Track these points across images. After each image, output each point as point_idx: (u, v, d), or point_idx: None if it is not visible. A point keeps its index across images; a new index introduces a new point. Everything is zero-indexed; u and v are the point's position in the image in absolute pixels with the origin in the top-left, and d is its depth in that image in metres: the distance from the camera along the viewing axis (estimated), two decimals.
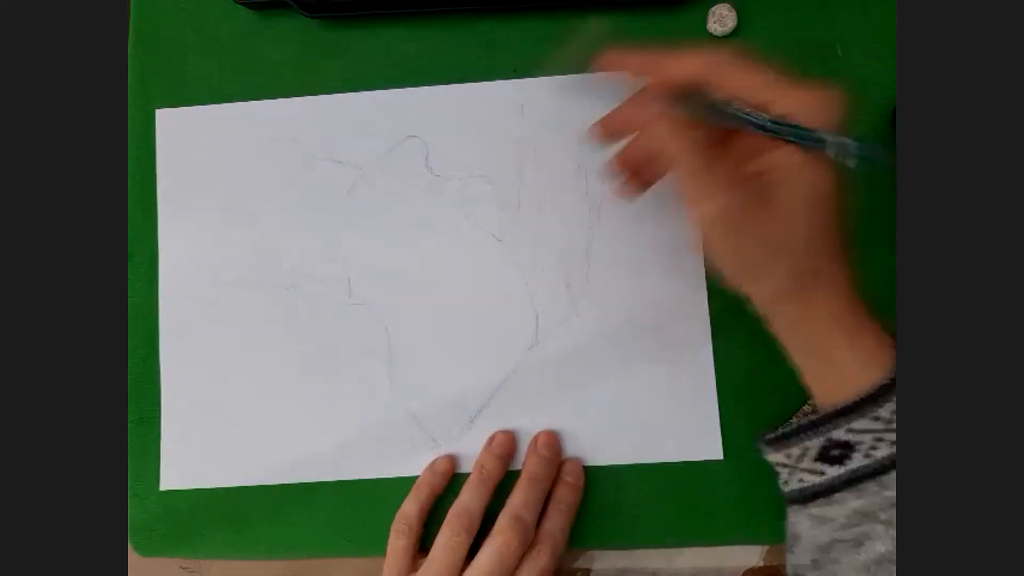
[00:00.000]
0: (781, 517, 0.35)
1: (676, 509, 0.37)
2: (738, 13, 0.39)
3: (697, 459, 0.37)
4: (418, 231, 0.39)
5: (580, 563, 0.38)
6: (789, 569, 0.33)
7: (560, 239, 0.39)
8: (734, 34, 0.39)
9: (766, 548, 0.37)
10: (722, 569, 0.38)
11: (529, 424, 0.38)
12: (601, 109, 0.33)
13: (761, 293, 0.31)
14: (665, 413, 0.37)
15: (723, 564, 0.38)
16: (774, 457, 0.33)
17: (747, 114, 0.29)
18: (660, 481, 0.37)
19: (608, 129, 0.33)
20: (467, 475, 0.37)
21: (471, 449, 0.38)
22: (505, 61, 0.40)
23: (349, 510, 0.38)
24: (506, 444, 0.37)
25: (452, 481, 0.37)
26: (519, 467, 0.37)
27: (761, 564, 0.37)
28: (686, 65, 0.29)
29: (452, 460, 0.37)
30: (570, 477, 0.37)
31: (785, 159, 0.29)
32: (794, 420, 0.32)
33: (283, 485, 0.38)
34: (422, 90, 0.40)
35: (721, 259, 0.30)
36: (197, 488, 0.39)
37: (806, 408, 0.35)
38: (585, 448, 0.37)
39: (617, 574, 0.38)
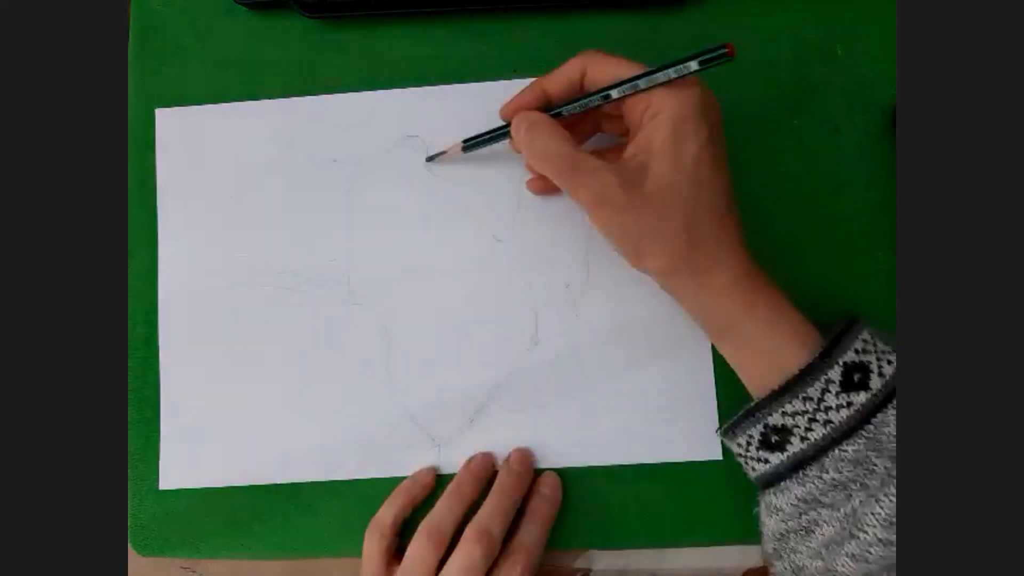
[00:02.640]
0: None
1: (676, 509, 0.37)
2: (739, 14, 0.39)
3: (697, 459, 0.37)
4: (418, 231, 0.39)
5: (580, 563, 0.38)
6: (763, 556, 0.33)
7: (560, 239, 0.39)
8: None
9: None
10: (722, 569, 0.38)
11: (529, 424, 0.38)
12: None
13: (654, 268, 0.32)
14: (665, 413, 0.37)
15: (723, 564, 0.38)
16: (731, 447, 0.33)
17: (595, 93, 0.32)
18: (660, 481, 0.37)
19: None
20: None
21: (470, 450, 0.38)
22: (505, 61, 0.40)
23: (349, 510, 0.38)
24: (484, 466, 0.37)
25: (434, 492, 0.37)
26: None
27: (761, 564, 0.37)
28: (562, 73, 0.33)
29: (434, 473, 0.37)
30: (546, 489, 0.36)
31: (652, 137, 0.30)
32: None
33: (283, 485, 0.38)
34: (422, 90, 0.40)
35: (612, 240, 0.32)
36: (197, 488, 0.39)
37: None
38: (585, 448, 0.37)
39: (617, 574, 0.38)
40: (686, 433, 0.37)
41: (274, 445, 0.38)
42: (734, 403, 0.37)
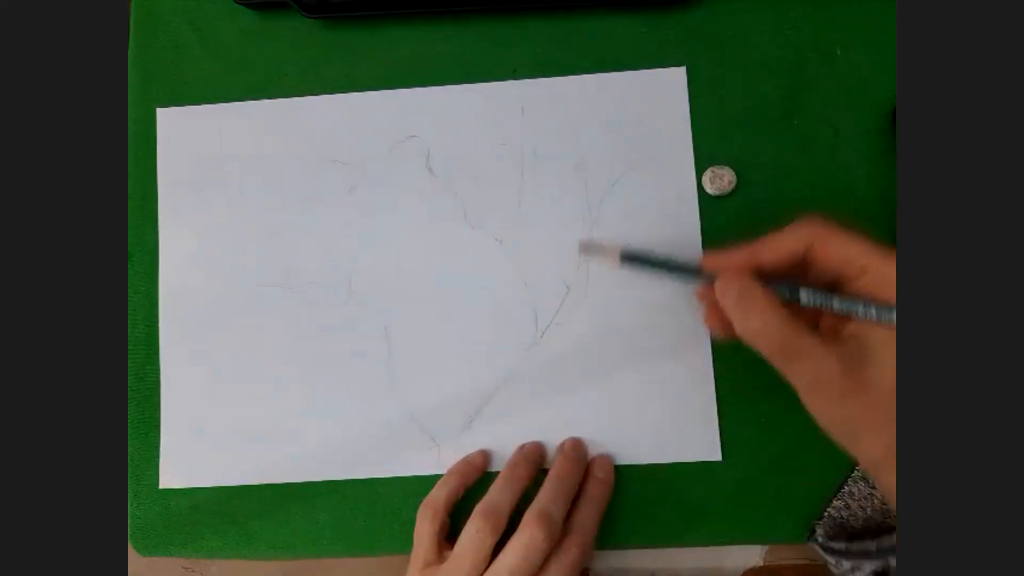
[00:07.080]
0: (781, 517, 0.35)
1: (676, 509, 0.37)
2: (739, 13, 0.39)
3: (697, 459, 0.37)
4: (418, 231, 0.39)
5: None
6: None
7: (560, 239, 0.39)
8: (732, 194, 0.38)
9: (766, 548, 0.37)
10: (722, 569, 0.38)
11: (529, 424, 0.38)
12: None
13: (867, 456, 0.29)
14: (664, 413, 0.37)
15: (723, 564, 0.38)
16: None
17: (814, 295, 0.30)
18: (660, 481, 0.37)
19: (714, 322, 0.33)
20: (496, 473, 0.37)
21: (470, 450, 0.38)
22: (505, 61, 0.40)
23: (348, 510, 0.38)
24: (537, 451, 0.37)
25: (483, 479, 0.37)
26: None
27: (761, 564, 0.37)
28: (783, 243, 0.30)
29: (486, 455, 0.37)
30: (600, 472, 0.36)
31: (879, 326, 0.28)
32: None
33: (283, 485, 0.38)
34: (422, 90, 0.40)
35: (823, 424, 0.29)
36: (197, 488, 0.39)
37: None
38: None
39: (616, 574, 0.38)
40: (686, 433, 0.37)
41: (274, 445, 0.38)
42: (734, 403, 0.37)
